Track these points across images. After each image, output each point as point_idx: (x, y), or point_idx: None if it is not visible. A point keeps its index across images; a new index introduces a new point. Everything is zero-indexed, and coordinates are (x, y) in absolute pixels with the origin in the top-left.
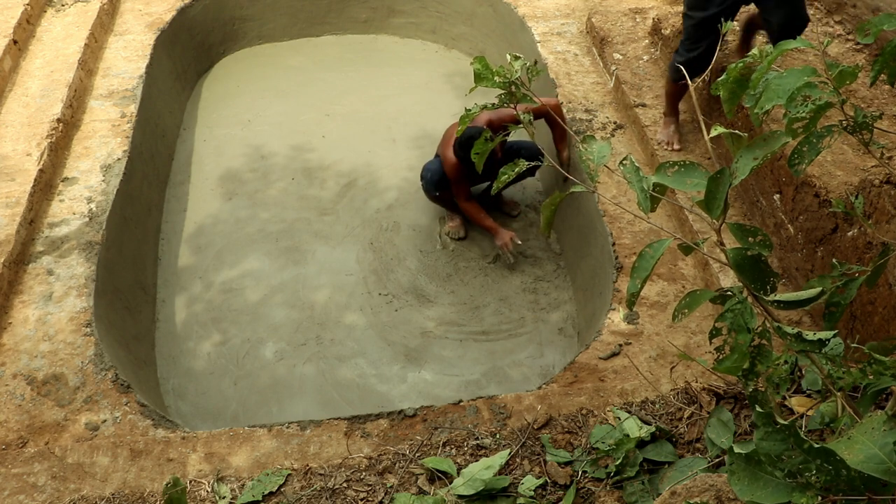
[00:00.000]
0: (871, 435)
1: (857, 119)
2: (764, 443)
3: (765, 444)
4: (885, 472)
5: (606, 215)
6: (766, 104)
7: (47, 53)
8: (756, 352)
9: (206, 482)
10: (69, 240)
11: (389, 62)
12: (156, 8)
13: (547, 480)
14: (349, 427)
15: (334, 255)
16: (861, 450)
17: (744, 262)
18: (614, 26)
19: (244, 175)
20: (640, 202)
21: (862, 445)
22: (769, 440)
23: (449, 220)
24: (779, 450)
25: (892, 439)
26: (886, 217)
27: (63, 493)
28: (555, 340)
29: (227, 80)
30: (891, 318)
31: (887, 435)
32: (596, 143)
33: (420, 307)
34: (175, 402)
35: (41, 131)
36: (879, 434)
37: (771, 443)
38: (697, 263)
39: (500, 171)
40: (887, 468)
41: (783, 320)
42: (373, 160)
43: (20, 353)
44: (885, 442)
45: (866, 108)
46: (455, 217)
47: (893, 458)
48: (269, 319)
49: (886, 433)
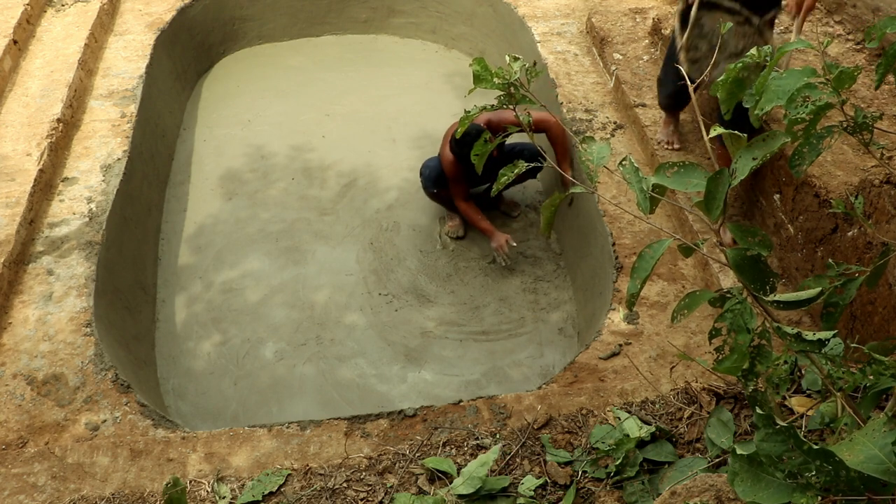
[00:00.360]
0: (871, 436)
1: (857, 119)
2: (764, 444)
3: (765, 446)
4: (885, 472)
5: (606, 215)
6: (766, 105)
7: (47, 53)
8: (756, 352)
9: (206, 482)
10: (69, 240)
11: (389, 62)
12: (156, 8)
13: (547, 480)
14: (349, 427)
15: (334, 255)
16: (861, 450)
17: (743, 263)
18: (614, 26)
19: (244, 175)
20: (640, 203)
21: (862, 446)
22: (769, 441)
23: (448, 219)
24: (779, 451)
25: (892, 440)
26: (886, 217)
27: (63, 493)
28: (555, 340)
29: (227, 80)
30: (891, 318)
31: (887, 436)
32: (595, 144)
33: (420, 307)
34: (175, 402)
35: (41, 131)
36: (879, 435)
37: (771, 444)
38: (697, 263)
39: (500, 172)
40: (887, 468)
41: (783, 320)
42: (373, 160)
43: (20, 353)
44: (884, 443)
45: (866, 109)
46: (454, 216)
47: (893, 459)
48: (269, 319)
49: (886, 434)
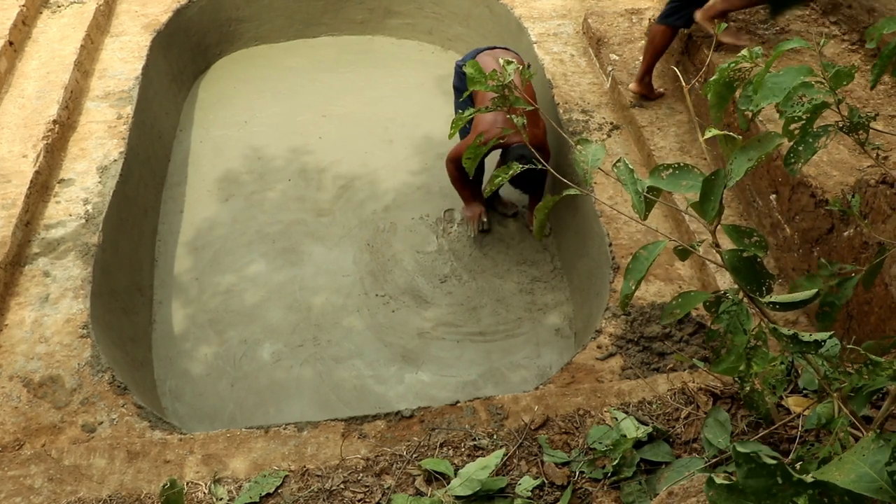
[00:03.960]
0: (860, 454)
1: (852, 119)
2: (750, 481)
3: (751, 482)
4: (877, 490)
5: (603, 216)
6: (761, 101)
7: (43, 55)
8: (752, 353)
9: (203, 484)
10: (65, 241)
11: (386, 63)
12: (152, 9)
13: (544, 481)
14: (346, 428)
15: (331, 256)
16: (852, 469)
17: (739, 264)
18: (610, 27)
19: (241, 176)
20: (635, 205)
21: (852, 465)
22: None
23: (467, 212)
24: (765, 486)
25: (882, 457)
26: (882, 217)
27: (60, 495)
28: (552, 341)
29: (223, 82)
30: (887, 317)
31: (876, 453)
32: (590, 146)
33: (417, 308)
34: (172, 404)
35: (37, 133)
36: (870, 452)
37: (757, 480)
38: (694, 264)
39: (493, 173)
40: (879, 486)
41: (779, 321)
42: (369, 161)
43: (16, 356)
44: (875, 460)
45: (862, 109)
46: (473, 206)
47: (884, 477)
48: (266, 321)
49: (875, 451)
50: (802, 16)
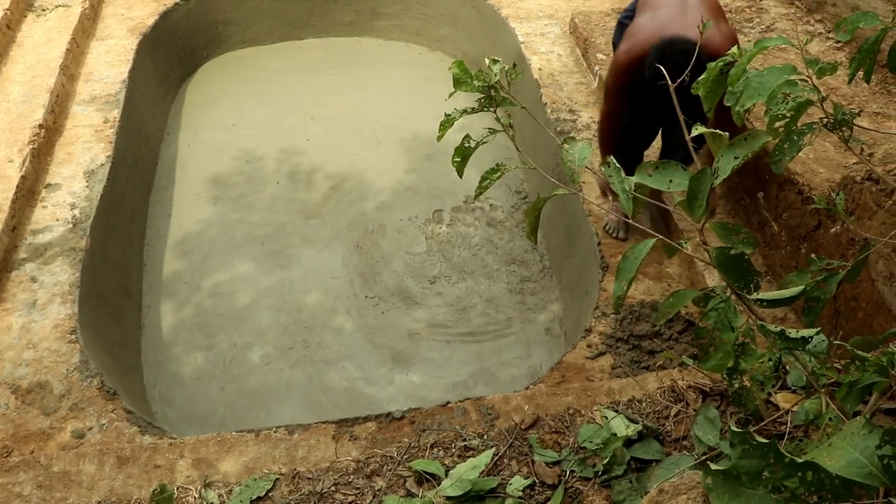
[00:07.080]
0: (850, 439)
1: (836, 116)
2: (743, 461)
3: (744, 463)
4: (867, 475)
5: (591, 215)
6: (746, 102)
7: (28, 59)
8: (740, 350)
9: (193, 488)
10: (53, 246)
11: (373, 64)
12: (138, 12)
13: (535, 481)
14: (337, 430)
15: (320, 258)
16: (842, 455)
17: (727, 261)
18: (597, 27)
19: (229, 179)
20: (623, 203)
21: (842, 451)
22: (748, 458)
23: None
24: (759, 467)
25: (872, 443)
26: (868, 213)
27: (49, 501)
28: (542, 341)
29: (210, 84)
30: (874, 313)
31: (867, 438)
32: (577, 145)
33: (407, 309)
34: (162, 409)
35: (23, 137)
36: (859, 438)
37: (750, 461)
38: (683, 262)
39: (483, 175)
40: (869, 472)
41: (767, 318)
42: (358, 163)
43: (4, 362)
44: (865, 445)
45: (846, 106)
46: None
47: (875, 462)
48: (256, 324)
49: (866, 437)
50: (787, 14)
